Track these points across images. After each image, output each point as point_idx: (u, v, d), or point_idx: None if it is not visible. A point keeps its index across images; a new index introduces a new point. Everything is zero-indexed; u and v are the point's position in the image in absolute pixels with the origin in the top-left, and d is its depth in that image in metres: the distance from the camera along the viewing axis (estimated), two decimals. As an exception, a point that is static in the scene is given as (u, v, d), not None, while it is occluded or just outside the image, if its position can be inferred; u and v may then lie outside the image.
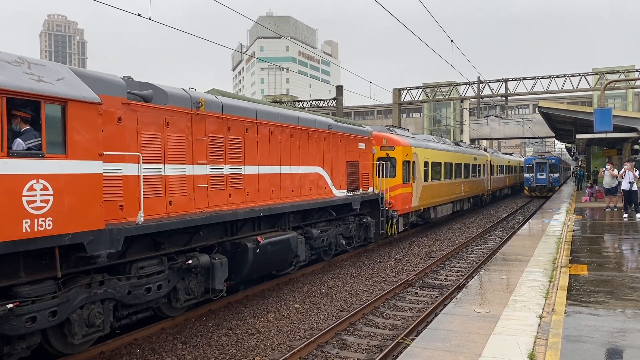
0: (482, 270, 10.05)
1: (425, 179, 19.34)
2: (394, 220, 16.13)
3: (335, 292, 10.85)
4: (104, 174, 6.26)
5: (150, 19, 12.18)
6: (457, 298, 7.94)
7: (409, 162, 17.49)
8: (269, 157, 10.12)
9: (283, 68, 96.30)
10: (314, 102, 47.39)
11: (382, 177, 15.73)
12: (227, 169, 8.90)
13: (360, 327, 8.63)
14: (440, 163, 21.42)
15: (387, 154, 16.73)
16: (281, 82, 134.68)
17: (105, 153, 6.21)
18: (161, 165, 7.51)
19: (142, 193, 6.86)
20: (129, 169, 6.90)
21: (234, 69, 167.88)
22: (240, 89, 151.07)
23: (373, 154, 15.54)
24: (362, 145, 14.56)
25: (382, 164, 15.81)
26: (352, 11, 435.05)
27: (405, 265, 13.78)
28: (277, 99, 65.12)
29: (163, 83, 8.51)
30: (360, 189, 14.36)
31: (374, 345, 7.73)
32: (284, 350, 7.44)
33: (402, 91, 46.14)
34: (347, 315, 8.90)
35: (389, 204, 15.93)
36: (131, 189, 6.86)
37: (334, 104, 42.23)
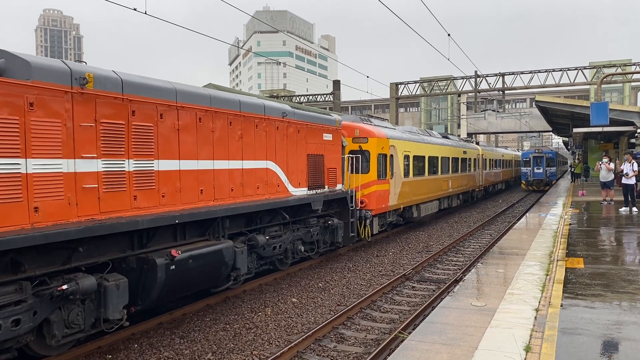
0: (479, 264, 10.09)
1: (406, 174, 17.69)
2: (368, 221, 14.54)
3: (332, 286, 10.87)
4: None
5: (145, 13, 12.11)
6: (454, 292, 7.97)
7: (385, 155, 15.85)
8: (197, 150, 8.28)
9: (280, 63, 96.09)
10: (311, 97, 47.36)
11: (354, 172, 14.10)
12: (130, 165, 7.05)
13: (357, 321, 8.67)
14: (424, 157, 19.79)
15: (360, 146, 15.04)
16: (278, 77, 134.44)
17: None
18: (21, 160, 5.67)
19: None
20: None
21: (230, 64, 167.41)
22: (237, 84, 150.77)
23: (344, 147, 13.80)
24: (328, 137, 12.72)
25: (354, 157, 14.14)
26: (350, 6, 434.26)
27: (402, 259, 13.82)
28: (274, 94, 65.02)
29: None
30: (326, 187, 12.63)
31: (372, 339, 7.76)
32: (281, 345, 7.45)
33: (399, 85, 46.14)
34: (344, 309, 8.91)
35: (362, 202, 14.44)
36: None
37: (332, 99, 42.17)
